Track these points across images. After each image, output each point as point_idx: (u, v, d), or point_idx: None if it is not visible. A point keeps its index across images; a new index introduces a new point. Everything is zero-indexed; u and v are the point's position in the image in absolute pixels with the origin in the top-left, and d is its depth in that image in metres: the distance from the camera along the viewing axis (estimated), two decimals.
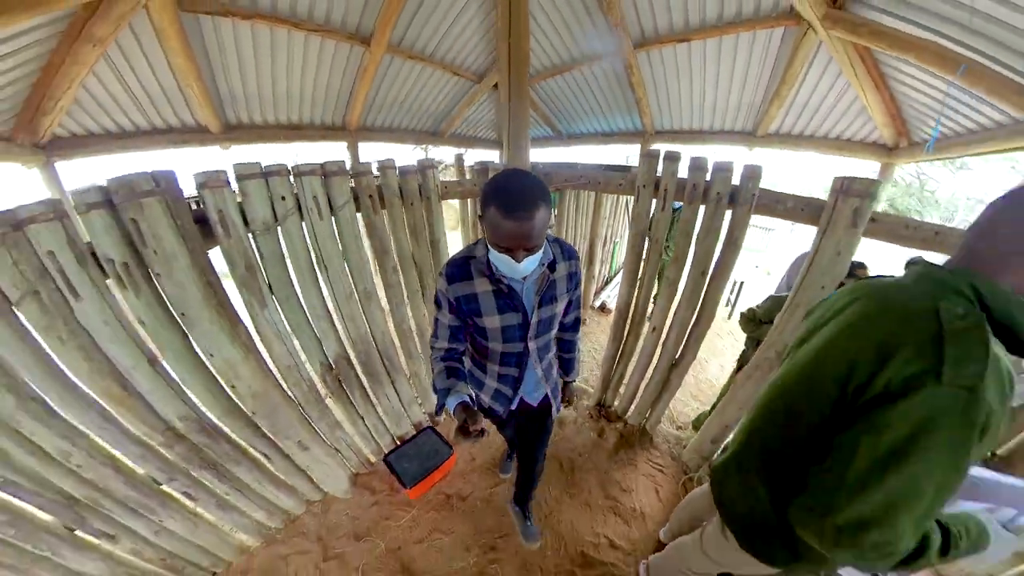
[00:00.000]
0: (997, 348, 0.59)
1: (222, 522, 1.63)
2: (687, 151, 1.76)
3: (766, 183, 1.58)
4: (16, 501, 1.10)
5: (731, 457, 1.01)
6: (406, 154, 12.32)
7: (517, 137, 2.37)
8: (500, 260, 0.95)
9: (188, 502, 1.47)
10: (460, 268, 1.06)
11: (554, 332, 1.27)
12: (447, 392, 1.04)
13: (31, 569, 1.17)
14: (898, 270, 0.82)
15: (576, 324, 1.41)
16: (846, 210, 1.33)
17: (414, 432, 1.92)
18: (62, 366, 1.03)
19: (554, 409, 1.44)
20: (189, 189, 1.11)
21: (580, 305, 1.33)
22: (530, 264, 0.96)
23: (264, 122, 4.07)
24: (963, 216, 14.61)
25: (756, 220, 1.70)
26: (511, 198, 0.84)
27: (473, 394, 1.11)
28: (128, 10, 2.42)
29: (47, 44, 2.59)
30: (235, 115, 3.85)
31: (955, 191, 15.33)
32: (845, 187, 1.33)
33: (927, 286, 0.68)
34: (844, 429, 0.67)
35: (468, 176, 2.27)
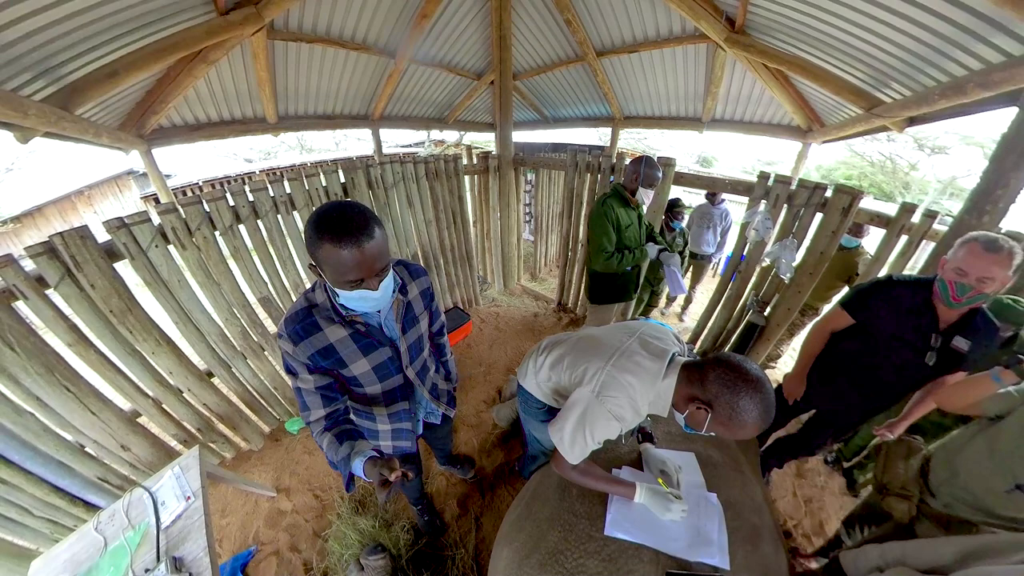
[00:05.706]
0: (613, 201, 2.21)
1: None
2: (649, 134, 3.08)
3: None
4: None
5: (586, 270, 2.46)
6: (415, 136, 13.26)
7: (504, 121, 3.57)
8: (354, 298, 0.87)
9: None
10: (303, 323, 0.94)
11: (427, 351, 1.23)
12: (348, 459, 0.92)
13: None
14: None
15: (442, 329, 1.38)
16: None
17: (446, 309, 3.23)
18: (290, 243, 2.23)
19: (451, 413, 1.47)
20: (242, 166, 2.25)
21: (440, 313, 1.36)
22: (387, 288, 0.90)
23: (307, 113, 5.12)
24: (933, 198, 15.04)
25: None
26: (345, 227, 0.78)
27: (375, 446, 1.00)
28: (238, 42, 3.45)
29: (168, 62, 3.60)
30: (286, 109, 4.90)
31: (927, 174, 15.86)
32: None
33: (608, 189, 2.27)
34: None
35: (476, 160, 3.50)
